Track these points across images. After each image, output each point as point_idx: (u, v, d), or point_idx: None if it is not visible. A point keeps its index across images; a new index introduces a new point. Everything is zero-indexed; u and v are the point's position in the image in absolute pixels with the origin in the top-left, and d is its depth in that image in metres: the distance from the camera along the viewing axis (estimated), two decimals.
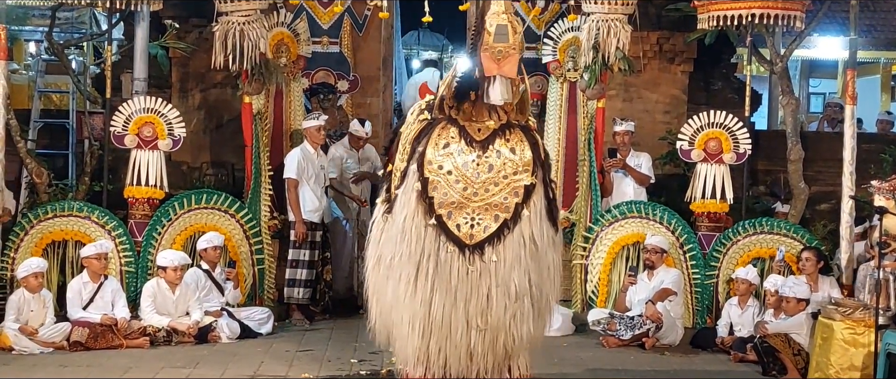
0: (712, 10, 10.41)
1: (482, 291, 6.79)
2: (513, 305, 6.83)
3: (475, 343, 6.84)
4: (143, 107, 10.24)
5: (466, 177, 6.85)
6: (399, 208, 6.94)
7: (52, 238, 9.88)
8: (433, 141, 6.89)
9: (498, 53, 6.54)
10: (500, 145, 6.88)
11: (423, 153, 6.88)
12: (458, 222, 6.82)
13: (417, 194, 6.84)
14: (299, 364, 8.72)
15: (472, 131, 6.90)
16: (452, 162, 6.85)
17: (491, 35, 6.54)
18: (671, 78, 12.31)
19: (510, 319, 6.85)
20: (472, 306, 6.79)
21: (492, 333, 6.84)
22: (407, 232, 6.84)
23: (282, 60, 11.13)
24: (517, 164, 6.87)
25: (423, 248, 6.81)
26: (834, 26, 14.70)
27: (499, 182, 6.85)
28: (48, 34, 11.17)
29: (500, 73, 6.59)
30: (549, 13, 11.68)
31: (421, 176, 6.85)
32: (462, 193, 6.84)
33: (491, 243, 6.80)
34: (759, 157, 11.67)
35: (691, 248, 10.22)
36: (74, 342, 9.07)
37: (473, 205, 6.84)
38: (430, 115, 7.07)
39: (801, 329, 8.86)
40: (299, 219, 10.47)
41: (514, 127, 6.95)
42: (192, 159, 11.89)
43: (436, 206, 6.82)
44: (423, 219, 6.82)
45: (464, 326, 6.80)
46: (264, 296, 10.59)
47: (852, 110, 9.91)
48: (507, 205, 6.84)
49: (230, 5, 10.38)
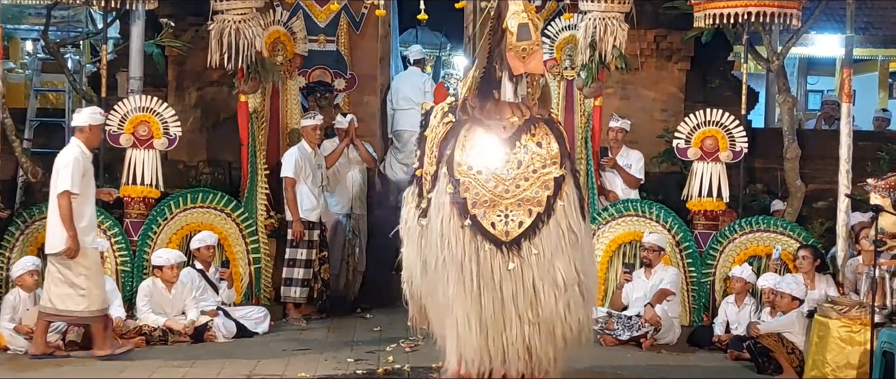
0: (709, 8, 10.43)
1: (527, 285, 6.84)
2: (563, 295, 6.88)
3: (530, 337, 6.87)
4: (139, 105, 10.22)
5: (496, 175, 6.94)
6: (434, 212, 7.04)
7: None
8: (460, 142, 6.99)
9: (522, 51, 6.65)
10: (527, 141, 6.98)
11: (452, 155, 6.98)
12: (493, 220, 6.89)
13: (450, 197, 6.94)
14: (296, 363, 8.70)
15: (498, 129, 6.99)
16: (481, 161, 6.95)
17: (514, 35, 6.64)
18: (668, 76, 12.30)
19: (564, 309, 6.89)
20: (520, 301, 6.84)
21: (546, 325, 6.88)
22: (446, 235, 6.92)
23: (278, 59, 11.13)
24: (545, 157, 6.97)
25: (464, 249, 6.87)
26: (831, 24, 14.69)
27: (529, 177, 6.95)
28: (44, 33, 11.15)
29: (527, 71, 6.72)
30: (546, 11, 11.68)
31: (452, 178, 6.94)
32: (493, 191, 6.92)
33: (527, 238, 6.87)
34: (755, 155, 11.65)
35: (688, 246, 10.21)
36: (70, 341, 9.05)
37: (506, 202, 6.92)
38: (454, 117, 7.16)
39: (792, 328, 8.85)
40: (296, 218, 10.46)
41: (538, 121, 7.06)
42: (188, 158, 11.87)
43: (469, 206, 6.90)
44: (459, 220, 6.90)
45: (516, 321, 6.85)
46: (261, 295, 10.59)
47: (849, 108, 9.91)
48: (539, 199, 6.92)
49: (226, 3, 10.37)
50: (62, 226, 8.55)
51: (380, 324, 10.27)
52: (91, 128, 8.85)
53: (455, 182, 6.94)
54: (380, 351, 9.16)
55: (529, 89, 6.99)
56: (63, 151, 8.79)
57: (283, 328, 10.25)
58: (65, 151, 8.77)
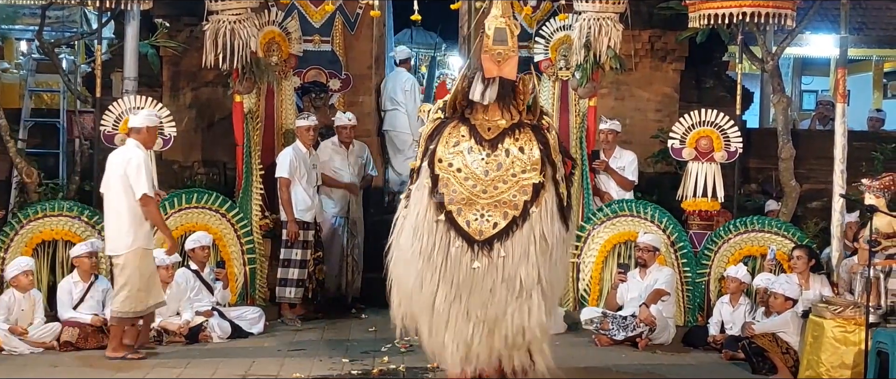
0: (703, 9, 10.42)
1: (486, 285, 7.01)
2: (516, 299, 7.04)
3: (472, 334, 7.05)
4: (134, 106, 10.21)
5: (475, 174, 7.05)
6: (413, 204, 7.22)
7: (43, 238, 9.84)
8: (444, 139, 7.13)
9: (498, 55, 6.83)
10: (509, 144, 7.09)
11: (434, 151, 7.12)
12: (468, 219, 7.04)
13: (428, 191, 7.08)
14: (290, 364, 8.70)
15: (483, 130, 7.12)
16: (462, 159, 7.07)
17: (490, 38, 6.83)
18: (663, 76, 12.32)
19: (513, 312, 7.04)
20: (476, 299, 7.02)
21: (489, 325, 7.05)
22: (419, 227, 7.09)
23: (273, 59, 11.13)
24: (525, 162, 7.08)
25: (434, 242, 7.03)
26: (826, 24, 14.69)
27: (507, 180, 7.06)
28: (39, 33, 11.14)
29: (501, 75, 6.88)
30: (541, 12, 11.69)
31: (432, 173, 7.08)
32: (471, 190, 7.05)
33: (500, 239, 7.01)
34: (750, 155, 11.68)
35: (683, 246, 10.22)
36: (65, 342, 9.05)
37: (483, 202, 7.05)
38: (443, 115, 7.29)
39: (787, 328, 8.87)
40: (291, 218, 10.46)
41: (524, 126, 7.16)
42: (183, 158, 11.87)
43: (446, 202, 7.04)
44: (434, 214, 7.04)
45: (464, 317, 7.03)
46: (256, 295, 10.58)
47: (843, 108, 9.93)
48: (516, 202, 7.04)
49: (221, 4, 10.37)
50: (158, 228, 8.98)
51: (375, 324, 10.26)
52: (148, 129, 9.02)
53: (434, 177, 7.06)
54: (375, 351, 9.16)
55: (521, 96, 7.10)
56: (123, 152, 8.87)
57: (277, 329, 10.25)
58: (125, 152, 8.85)
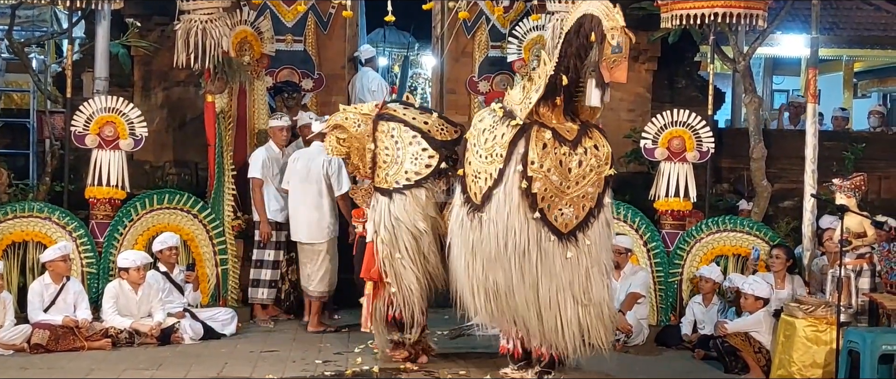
0: (675, 9, 10.46)
1: (581, 272, 7.72)
2: (606, 280, 7.89)
3: (583, 317, 7.75)
4: (105, 106, 10.14)
5: (563, 172, 7.63)
6: (499, 206, 7.69)
7: (13, 239, 9.79)
8: (533, 143, 7.60)
9: (613, 62, 7.29)
10: (587, 143, 7.73)
11: (526, 154, 7.59)
12: (556, 214, 7.65)
13: (522, 191, 7.57)
14: (263, 365, 8.68)
15: (563, 132, 7.69)
16: (550, 160, 7.59)
17: (611, 47, 7.24)
18: (635, 76, 12.29)
19: (608, 292, 7.91)
20: (576, 286, 7.72)
21: (596, 307, 7.79)
22: (511, 227, 7.64)
23: (245, 59, 11.07)
24: (600, 157, 7.76)
25: (528, 239, 7.61)
26: (797, 24, 14.76)
27: (587, 175, 7.71)
28: (8, 32, 11.03)
29: (613, 80, 7.36)
30: (514, 12, 11.71)
31: (525, 174, 7.56)
32: (558, 187, 7.62)
33: (581, 230, 7.72)
34: (722, 154, 11.72)
35: (655, 246, 10.25)
36: (35, 344, 8.98)
37: (567, 197, 7.67)
38: (516, 121, 7.70)
39: (759, 327, 8.91)
40: (264, 219, 10.42)
41: (590, 126, 7.82)
42: (154, 159, 11.78)
43: (538, 200, 7.58)
44: (528, 213, 7.59)
45: (572, 304, 7.71)
46: (228, 296, 10.54)
47: (814, 108, 9.99)
48: (592, 194, 7.75)
49: (192, 3, 10.31)
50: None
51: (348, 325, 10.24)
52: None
53: (528, 178, 7.54)
54: (348, 352, 9.14)
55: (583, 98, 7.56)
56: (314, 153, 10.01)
57: (250, 330, 10.21)
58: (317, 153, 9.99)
